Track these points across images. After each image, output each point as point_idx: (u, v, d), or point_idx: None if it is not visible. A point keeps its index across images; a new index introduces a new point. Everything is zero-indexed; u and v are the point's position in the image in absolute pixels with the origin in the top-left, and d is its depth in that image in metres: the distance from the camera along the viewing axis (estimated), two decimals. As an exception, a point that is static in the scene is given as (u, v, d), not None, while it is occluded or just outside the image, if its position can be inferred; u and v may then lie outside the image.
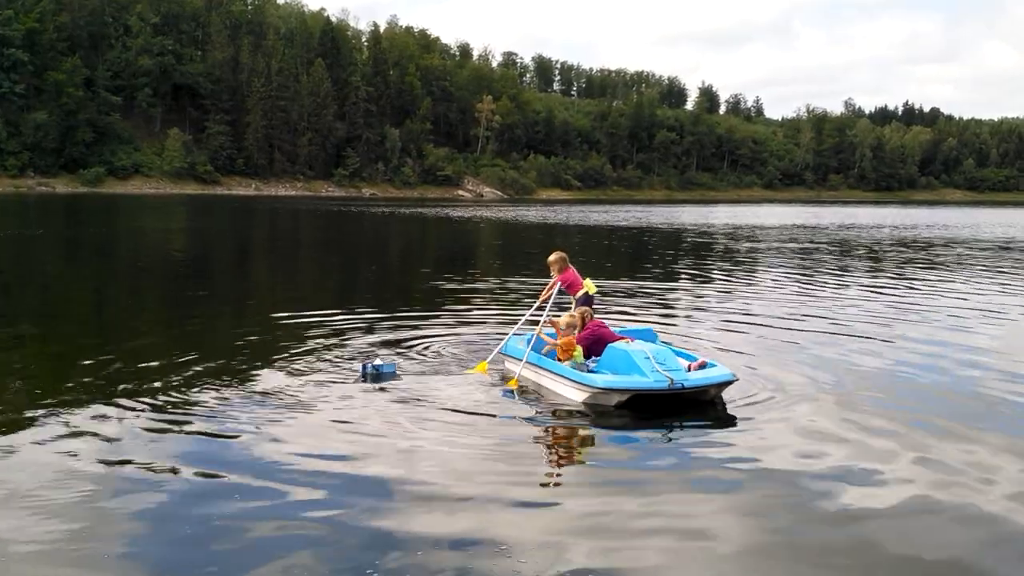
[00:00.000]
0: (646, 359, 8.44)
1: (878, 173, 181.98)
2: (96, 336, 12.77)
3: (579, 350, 9.07)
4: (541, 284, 18.91)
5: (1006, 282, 21.09)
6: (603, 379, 8.45)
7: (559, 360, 9.09)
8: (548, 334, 9.62)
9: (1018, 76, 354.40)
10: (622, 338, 9.36)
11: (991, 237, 41.10)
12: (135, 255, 28.01)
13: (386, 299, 16.60)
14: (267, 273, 23.97)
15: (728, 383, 8.59)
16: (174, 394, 8.61)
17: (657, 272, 23.06)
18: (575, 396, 8.58)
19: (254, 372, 9.75)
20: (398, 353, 10.72)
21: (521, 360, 9.52)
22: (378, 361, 9.73)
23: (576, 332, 9.33)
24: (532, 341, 9.58)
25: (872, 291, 18.94)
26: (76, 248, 29.36)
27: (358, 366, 9.69)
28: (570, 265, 10.59)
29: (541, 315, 10.14)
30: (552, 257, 10.62)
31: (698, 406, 8.42)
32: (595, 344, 9.20)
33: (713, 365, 8.88)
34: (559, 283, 10.38)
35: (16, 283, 19.46)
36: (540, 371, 9.26)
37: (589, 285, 10.37)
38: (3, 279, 20.03)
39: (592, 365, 9.00)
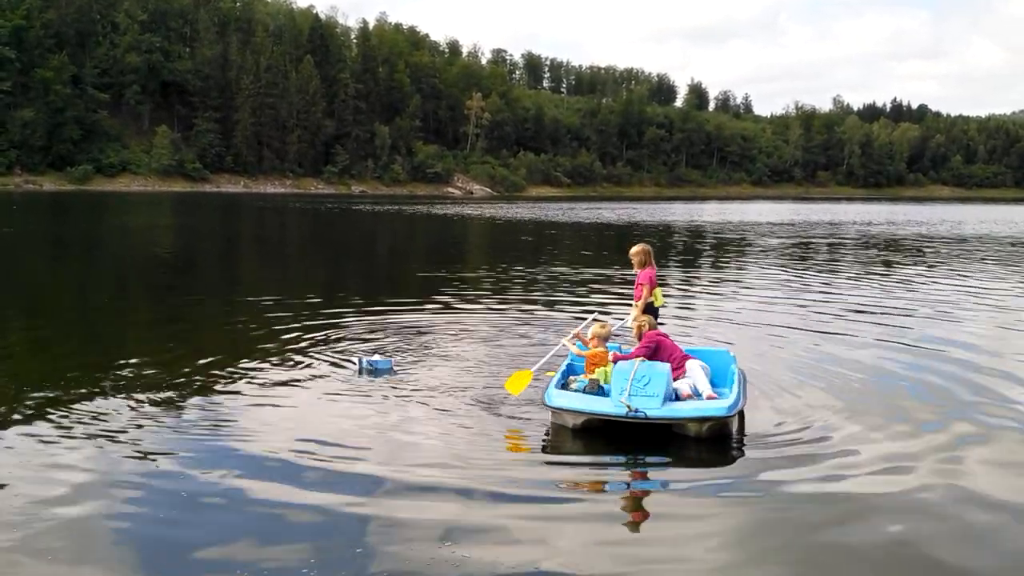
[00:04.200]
0: (624, 380, 7.47)
1: (866, 170, 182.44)
2: (83, 333, 12.59)
3: (609, 365, 8.17)
4: (540, 279, 19.11)
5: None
6: (559, 398, 7.66)
7: (586, 373, 8.47)
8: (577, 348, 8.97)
9: (1003, 73, 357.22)
10: (686, 355, 8.31)
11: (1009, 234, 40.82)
12: (123, 252, 27.77)
13: (382, 295, 16.51)
14: (259, 269, 23.80)
15: (718, 419, 7.19)
16: (165, 388, 8.56)
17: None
18: (548, 413, 7.79)
19: (247, 366, 9.68)
20: (396, 349, 10.65)
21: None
22: (375, 357, 9.70)
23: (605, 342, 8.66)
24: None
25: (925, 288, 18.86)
26: (62, 247, 29.14)
27: (355, 361, 9.64)
28: (654, 263, 9.54)
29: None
30: (635, 248, 9.49)
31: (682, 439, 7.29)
32: (653, 357, 8.11)
33: (724, 396, 7.68)
34: (643, 281, 9.33)
35: None
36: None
37: (657, 295, 9.39)
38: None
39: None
